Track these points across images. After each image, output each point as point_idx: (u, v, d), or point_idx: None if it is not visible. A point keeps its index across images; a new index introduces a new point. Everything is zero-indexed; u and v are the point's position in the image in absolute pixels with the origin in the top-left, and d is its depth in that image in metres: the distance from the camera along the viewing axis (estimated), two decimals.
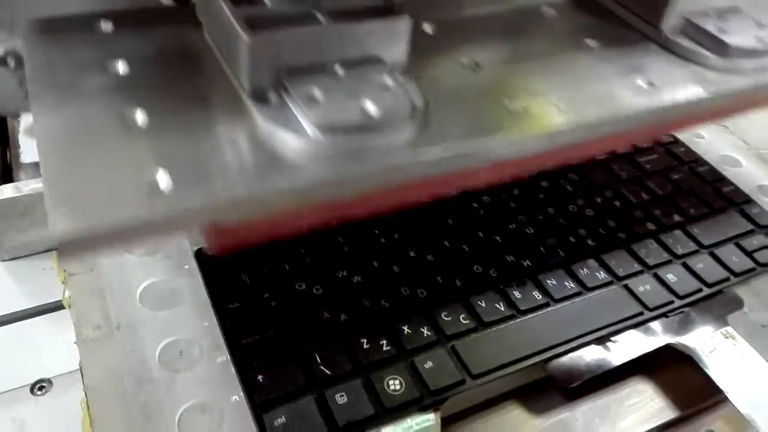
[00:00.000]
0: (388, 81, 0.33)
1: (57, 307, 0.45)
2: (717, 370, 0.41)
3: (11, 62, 0.42)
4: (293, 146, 0.31)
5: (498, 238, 0.51)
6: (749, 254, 0.52)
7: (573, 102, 0.36)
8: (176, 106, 0.32)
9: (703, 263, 0.50)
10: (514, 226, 0.52)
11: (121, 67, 0.34)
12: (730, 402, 0.40)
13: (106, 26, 0.37)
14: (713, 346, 0.43)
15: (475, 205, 0.53)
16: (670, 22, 0.43)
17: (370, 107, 0.31)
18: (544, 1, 0.46)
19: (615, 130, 0.37)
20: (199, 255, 0.46)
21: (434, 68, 0.38)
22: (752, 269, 0.51)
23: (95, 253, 0.27)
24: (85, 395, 0.37)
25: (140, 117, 0.31)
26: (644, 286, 0.48)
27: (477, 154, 0.33)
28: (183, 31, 0.38)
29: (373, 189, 0.32)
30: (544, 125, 0.34)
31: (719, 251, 0.52)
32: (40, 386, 0.41)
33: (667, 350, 0.43)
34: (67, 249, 0.26)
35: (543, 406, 0.41)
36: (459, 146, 0.32)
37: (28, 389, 0.41)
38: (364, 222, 0.50)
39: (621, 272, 0.49)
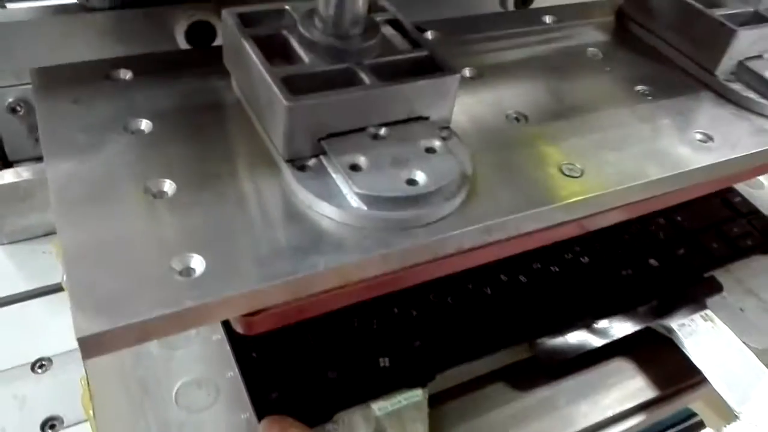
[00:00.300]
0: (436, 143, 0.30)
1: (56, 288, 0.46)
2: (696, 352, 0.42)
3: (21, 110, 0.41)
4: (334, 218, 0.28)
5: None
6: (730, 241, 0.52)
7: (631, 161, 0.34)
8: (206, 173, 0.29)
9: (684, 249, 0.50)
10: None
11: (144, 125, 0.31)
12: (709, 382, 0.41)
13: (125, 74, 0.35)
14: (693, 328, 0.43)
15: None
16: (725, 67, 0.40)
17: (418, 176, 0.29)
18: (589, 42, 0.44)
19: (674, 189, 0.35)
20: None
21: (480, 121, 0.35)
22: (733, 255, 0.51)
23: (125, 347, 0.24)
24: (85, 371, 0.38)
25: (167, 188, 0.28)
26: (626, 270, 0.47)
27: (529, 223, 0.31)
28: (208, 79, 0.35)
29: (420, 263, 0.30)
30: (601, 187, 0.32)
31: (701, 238, 0.52)
32: (40, 364, 0.42)
33: (649, 332, 0.44)
34: (92, 349, 0.23)
35: (528, 384, 0.42)
36: (510, 218, 0.30)
37: (28, 367, 0.42)
38: None
39: (604, 257, 0.48)
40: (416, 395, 0.37)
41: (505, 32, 0.43)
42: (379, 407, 0.37)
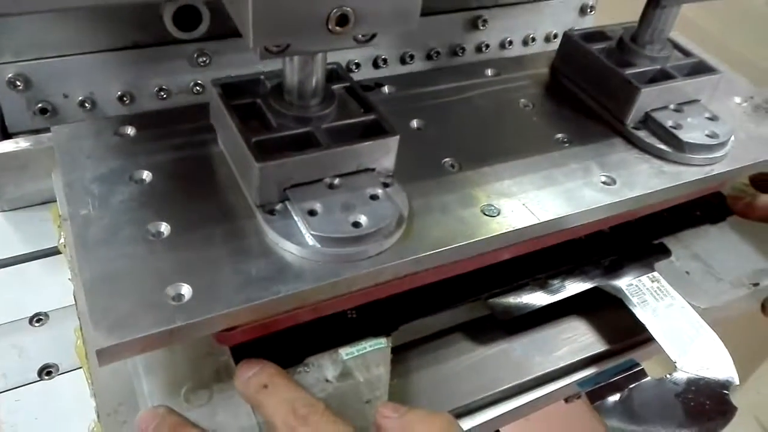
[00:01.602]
0: (379, 191, 0.38)
1: (53, 252, 0.50)
2: (642, 310, 0.45)
3: (20, 84, 0.46)
4: (295, 254, 0.36)
5: None
6: (680, 211, 0.54)
7: (541, 201, 0.41)
8: (195, 216, 0.37)
9: (636, 217, 0.51)
10: None
11: (145, 175, 0.39)
12: (653, 337, 0.44)
13: (130, 131, 0.42)
14: (640, 288, 0.47)
15: None
16: (634, 117, 0.48)
17: (362, 219, 0.36)
18: (522, 94, 0.51)
19: (576, 224, 0.42)
20: None
21: (420, 169, 0.43)
22: (682, 224, 0.54)
23: (131, 356, 0.32)
24: (79, 320, 0.41)
25: (164, 229, 0.36)
26: (580, 235, 0.48)
27: (452, 255, 0.38)
28: (198, 134, 0.42)
29: (362, 287, 0.37)
30: (513, 225, 0.39)
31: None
32: (37, 319, 0.45)
33: (601, 294, 0.47)
34: (106, 359, 0.31)
35: (486, 338, 0.46)
36: (436, 252, 0.37)
37: (26, 321, 0.45)
38: None
39: None
40: (380, 343, 0.40)
41: (450, 86, 0.51)
42: (346, 352, 0.39)
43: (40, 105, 0.48)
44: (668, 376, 0.43)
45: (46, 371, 0.43)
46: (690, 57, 0.51)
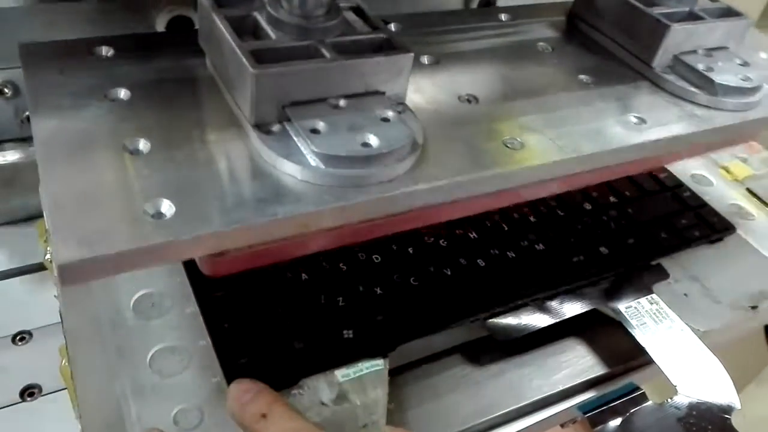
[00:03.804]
0: (390, 114, 0.34)
1: (37, 268, 0.48)
2: (641, 333, 0.45)
3: (8, 91, 0.43)
4: (295, 176, 0.31)
5: None
6: (678, 232, 0.54)
7: (569, 137, 0.37)
8: (179, 134, 0.32)
9: (633, 238, 0.52)
10: None
11: (123, 93, 0.34)
12: (653, 361, 0.43)
13: (107, 51, 0.38)
14: (639, 311, 0.46)
15: None
16: (661, 60, 0.44)
17: (372, 139, 0.32)
18: (540, 37, 0.47)
19: (606, 164, 0.38)
20: None
21: (434, 101, 0.38)
22: (680, 245, 0.53)
23: (100, 277, 0.27)
24: (65, 338, 0.39)
25: (143, 146, 0.31)
26: (578, 256, 0.49)
27: (472, 187, 0.34)
28: (184, 58, 0.38)
29: (371, 217, 0.33)
30: (539, 159, 0.35)
31: (650, 229, 0.53)
32: (21, 337, 0.44)
33: (600, 316, 0.46)
34: (72, 276, 0.26)
35: (484, 360, 0.44)
36: (455, 181, 0.33)
37: (9, 339, 0.43)
38: None
39: (557, 244, 0.49)
40: (378, 364, 0.39)
41: (462, 27, 0.47)
42: (342, 374, 0.38)
43: (28, 113, 0.45)
44: (669, 400, 0.42)
45: (29, 392, 0.41)
46: (717, 2, 0.48)
